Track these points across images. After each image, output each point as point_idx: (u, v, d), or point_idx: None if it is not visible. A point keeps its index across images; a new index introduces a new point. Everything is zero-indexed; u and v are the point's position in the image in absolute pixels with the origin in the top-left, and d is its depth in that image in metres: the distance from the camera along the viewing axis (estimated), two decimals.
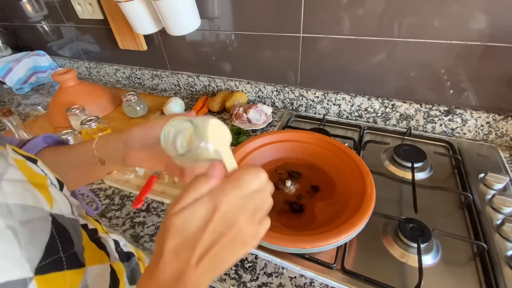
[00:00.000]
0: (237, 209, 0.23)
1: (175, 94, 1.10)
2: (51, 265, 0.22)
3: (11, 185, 0.21)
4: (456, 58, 0.64)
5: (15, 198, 0.21)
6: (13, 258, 0.19)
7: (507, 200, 0.54)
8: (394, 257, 0.49)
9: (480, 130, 0.71)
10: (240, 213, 0.23)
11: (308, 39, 0.76)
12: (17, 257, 0.19)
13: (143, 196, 0.63)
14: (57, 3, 1.10)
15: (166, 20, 0.77)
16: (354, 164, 0.56)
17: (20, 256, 0.20)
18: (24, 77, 1.25)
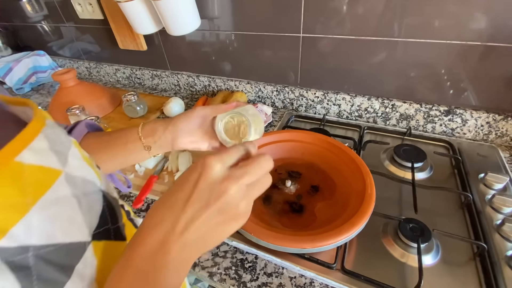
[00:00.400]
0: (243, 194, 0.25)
1: (175, 94, 1.10)
2: (103, 234, 0.24)
3: (75, 160, 0.23)
4: (456, 58, 0.64)
5: (78, 171, 0.23)
6: (76, 223, 0.21)
7: (507, 200, 0.54)
8: (394, 257, 0.49)
9: (480, 130, 0.71)
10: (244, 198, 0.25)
11: (308, 39, 0.76)
12: (79, 222, 0.22)
13: (143, 196, 0.63)
14: (57, 3, 1.10)
15: (166, 20, 0.77)
16: (354, 164, 0.56)
17: (82, 221, 0.22)
18: (24, 77, 1.25)
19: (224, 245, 0.54)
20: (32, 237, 0.18)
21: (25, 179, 0.18)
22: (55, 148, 0.21)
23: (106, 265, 0.24)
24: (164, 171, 0.70)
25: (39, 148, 0.20)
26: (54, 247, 0.19)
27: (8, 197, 0.17)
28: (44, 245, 0.18)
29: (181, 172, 0.68)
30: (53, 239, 0.19)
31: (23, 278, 0.17)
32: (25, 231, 0.17)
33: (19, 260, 0.17)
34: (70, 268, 0.20)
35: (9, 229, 0.17)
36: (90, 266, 0.22)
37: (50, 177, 0.20)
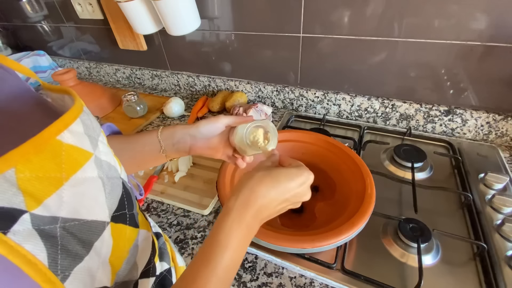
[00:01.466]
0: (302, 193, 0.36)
1: (175, 94, 1.10)
2: (120, 217, 0.26)
3: (102, 145, 0.26)
4: (456, 58, 0.64)
5: (105, 156, 0.25)
6: (99, 203, 0.23)
7: (507, 200, 0.54)
8: (394, 257, 0.49)
9: (480, 130, 0.71)
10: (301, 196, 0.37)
11: (308, 39, 0.76)
12: (102, 202, 0.23)
13: (143, 196, 0.63)
14: (57, 3, 1.10)
15: (166, 20, 0.77)
16: (354, 164, 0.56)
17: (104, 202, 0.24)
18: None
19: None
20: (62, 209, 0.19)
21: (63, 156, 0.20)
22: (89, 132, 0.23)
23: (119, 248, 0.25)
24: (164, 171, 0.70)
25: (76, 131, 0.22)
26: (79, 222, 0.21)
27: (47, 170, 0.19)
28: (71, 218, 0.20)
29: (181, 172, 0.68)
30: (79, 214, 0.21)
31: (50, 246, 0.19)
32: (57, 203, 0.19)
33: (48, 229, 0.19)
34: (90, 244, 0.22)
35: (44, 200, 0.18)
36: (106, 245, 0.23)
37: (83, 157, 0.22)
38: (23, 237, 0.17)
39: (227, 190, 0.54)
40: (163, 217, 0.60)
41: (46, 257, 0.18)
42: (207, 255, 0.29)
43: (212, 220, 0.59)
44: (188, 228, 0.57)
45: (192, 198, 0.62)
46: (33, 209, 0.18)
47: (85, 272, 0.21)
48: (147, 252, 0.31)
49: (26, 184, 0.17)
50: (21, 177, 0.17)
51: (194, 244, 0.54)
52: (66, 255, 0.20)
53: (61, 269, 0.19)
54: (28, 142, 0.18)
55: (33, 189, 0.18)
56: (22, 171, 0.17)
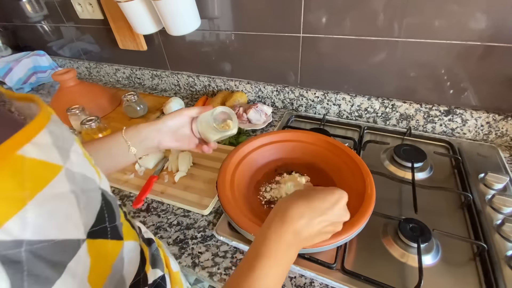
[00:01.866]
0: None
1: (175, 94, 1.10)
2: (99, 232, 0.24)
3: (76, 156, 0.24)
4: (456, 58, 0.64)
5: (78, 167, 0.23)
6: (72, 219, 0.21)
7: (507, 200, 0.54)
8: (394, 257, 0.49)
9: (480, 130, 0.71)
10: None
11: (308, 39, 0.76)
12: (76, 219, 0.22)
13: (143, 196, 0.63)
14: (57, 3, 1.10)
15: (166, 20, 0.77)
16: (354, 164, 0.56)
17: (78, 218, 0.22)
18: (24, 77, 1.24)
19: (224, 245, 0.54)
20: (26, 232, 0.18)
21: (25, 173, 0.18)
22: (58, 143, 0.22)
23: (100, 264, 0.24)
24: (164, 171, 0.70)
25: (42, 143, 0.20)
26: (48, 243, 0.19)
27: (6, 191, 0.17)
28: (38, 240, 0.18)
29: (181, 172, 0.68)
30: (47, 235, 0.19)
31: (14, 273, 0.17)
32: (20, 226, 0.17)
33: (11, 254, 0.17)
34: (62, 265, 0.20)
35: (4, 223, 0.17)
36: (83, 264, 0.22)
37: (50, 172, 0.20)
38: None
39: (227, 190, 0.54)
40: (163, 217, 0.60)
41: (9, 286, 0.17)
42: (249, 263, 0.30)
43: (212, 220, 0.59)
44: (188, 228, 0.58)
45: (192, 198, 0.62)
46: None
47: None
48: (134, 263, 0.30)
49: None
50: None
51: (194, 244, 0.54)
52: (34, 281, 0.18)
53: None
54: None
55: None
56: None
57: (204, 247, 0.54)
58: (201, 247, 0.54)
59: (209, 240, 0.55)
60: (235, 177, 0.58)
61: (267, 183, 0.61)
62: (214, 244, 0.54)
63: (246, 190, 0.59)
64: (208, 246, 0.54)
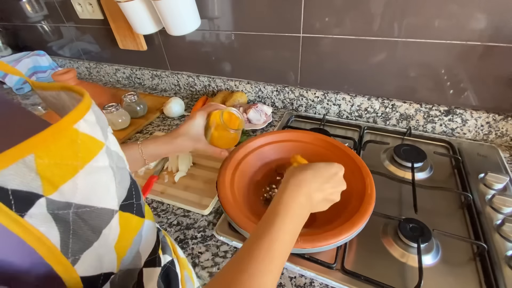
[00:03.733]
0: None
1: (175, 94, 1.10)
2: (128, 206, 0.26)
3: (111, 137, 0.26)
4: (456, 58, 0.64)
5: (114, 147, 0.26)
6: (110, 191, 0.24)
7: (507, 200, 0.54)
8: (394, 257, 0.49)
9: (480, 130, 0.71)
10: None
11: (308, 39, 0.76)
12: (113, 191, 0.24)
13: (143, 196, 0.63)
14: (57, 3, 1.10)
15: (166, 20, 0.77)
16: (354, 164, 0.56)
17: (114, 191, 0.24)
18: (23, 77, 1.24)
19: (224, 245, 0.54)
20: (76, 196, 0.20)
21: (79, 144, 0.20)
22: (100, 123, 0.24)
23: (125, 236, 0.26)
24: (164, 171, 0.70)
25: (90, 121, 0.22)
26: (90, 209, 0.21)
27: (65, 158, 0.19)
28: (83, 205, 0.21)
29: (181, 172, 0.68)
30: (90, 201, 0.21)
31: (63, 230, 0.19)
32: (71, 190, 0.20)
33: (62, 214, 0.19)
34: (99, 230, 0.22)
35: (60, 186, 0.19)
36: (113, 232, 0.24)
37: (96, 147, 0.23)
38: (38, 220, 0.18)
39: (227, 190, 0.54)
40: (163, 217, 0.60)
41: (59, 240, 0.19)
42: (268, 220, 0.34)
43: (212, 220, 0.59)
44: (188, 228, 0.57)
45: (192, 198, 0.62)
46: (49, 194, 0.18)
47: (94, 257, 0.22)
48: (150, 242, 0.32)
49: (45, 170, 0.18)
50: (40, 163, 0.18)
51: (194, 244, 0.54)
52: (77, 240, 0.20)
53: (71, 253, 0.20)
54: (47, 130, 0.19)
55: (51, 175, 0.18)
56: (41, 157, 0.18)
57: (204, 247, 0.54)
58: (201, 247, 0.54)
59: (209, 240, 0.55)
60: (235, 177, 0.58)
61: (267, 183, 0.61)
62: (214, 244, 0.54)
63: (246, 190, 0.59)
64: (208, 246, 0.54)
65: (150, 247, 0.32)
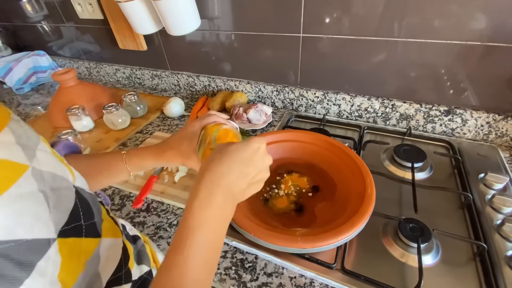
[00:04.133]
0: None
1: (175, 94, 1.10)
2: (72, 231, 0.24)
3: (43, 155, 0.23)
4: (456, 58, 0.64)
5: (47, 166, 0.23)
6: (41, 219, 0.21)
7: (507, 200, 0.54)
8: (394, 257, 0.49)
9: (480, 130, 0.71)
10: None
11: (308, 39, 0.76)
12: (45, 218, 0.21)
13: (143, 196, 0.63)
14: (57, 3, 1.10)
15: (166, 20, 0.77)
16: (354, 164, 0.56)
17: (48, 218, 0.21)
18: (24, 77, 1.24)
19: (224, 245, 0.54)
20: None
21: None
22: (22, 142, 0.21)
23: (71, 263, 0.24)
24: (164, 171, 0.70)
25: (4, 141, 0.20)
26: (15, 243, 0.19)
27: None
28: (5, 240, 0.18)
29: (181, 172, 0.68)
30: (14, 235, 0.19)
31: None
32: None
33: None
34: (30, 265, 0.20)
35: None
36: (53, 263, 0.21)
37: (15, 171, 0.20)
38: None
39: None
40: (163, 217, 0.60)
41: None
42: (179, 241, 0.28)
43: None
44: None
45: None
46: None
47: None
48: (114, 260, 0.30)
49: None
50: None
51: None
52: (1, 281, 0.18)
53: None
54: None
55: None
56: None
57: None
58: None
59: None
60: None
61: (267, 183, 0.61)
62: None
63: None
64: None
65: (113, 265, 0.30)
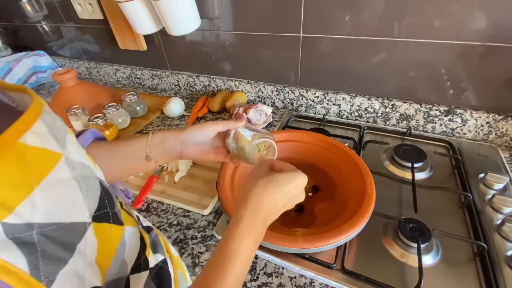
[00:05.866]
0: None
1: (175, 94, 1.10)
2: (103, 216, 0.25)
3: (72, 145, 0.25)
4: (456, 58, 0.64)
5: (76, 156, 0.24)
6: (77, 204, 0.22)
7: (507, 200, 0.54)
8: (394, 257, 0.49)
9: (480, 130, 0.71)
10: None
11: (308, 39, 0.76)
12: (80, 203, 0.23)
13: (143, 196, 0.63)
14: (57, 3, 1.10)
15: (166, 20, 0.77)
16: (354, 164, 0.56)
17: (83, 203, 0.23)
18: (24, 77, 1.24)
19: None
20: (36, 215, 0.19)
21: (29, 159, 0.19)
22: (54, 132, 0.22)
23: (105, 247, 0.25)
24: (164, 171, 0.70)
25: (39, 132, 0.21)
26: (57, 226, 0.20)
27: (13, 176, 0.18)
28: (48, 223, 0.19)
29: (181, 172, 0.68)
30: (56, 218, 0.20)
31: (29, 253, 0.18)
32: (30, 210, 0.18)
33: (24, 236, 0.18)
34: (72, 247, 0.21)
35: (15, 207, 0.18)
36: (90, 246, 0.23)
37: (52, 159, 0.21)
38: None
39: (227, 190, 0.54)
40: (163, 217, 0.60)
41: (26, 264, 0.18)
42: (220, 264, 0.30)
43: (212, 220, 0.59)
44: (188, 228, 0.57)
45: (192, 198, 0.62)
46: (3, 219, 0.17)
47: (72, 275, 0.21)
48: (135, 248, 0.31)
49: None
50: None
51: (194, 244, 0.54)
52: (48, 260, 0.19)
53: (44, 275, 0.19)
54: None
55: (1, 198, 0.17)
56: None
57: (204, 247, 0.54)
58: (201, 247, 0.54)
59: (209, 240, 0.55)
60: (235, 177, 0.58)
61: None
62: (214, 244, 0.54)
63: None
64: (208, 246, 0.54)
65: (135, 253, 0.31)
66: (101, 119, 0.80)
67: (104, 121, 0.80)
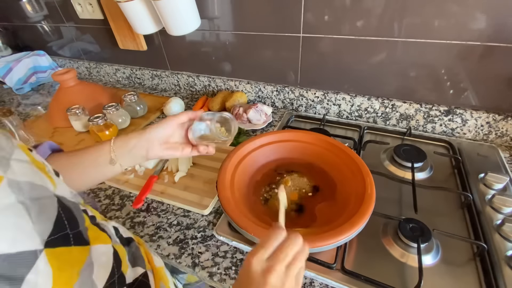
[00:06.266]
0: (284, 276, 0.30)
1: (175, 94, 1.10)
2: (59, 240, 0.23)
3: (19, 164, 0.22)
4: (456, 58, 0.64)
5: (24, 176, 0.22)
6: (24, 231, 0.20)
7: (507, 200, 0.54)
8: (394, 257, 0.49)
9: (480, 130, 0.71)
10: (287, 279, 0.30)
11: (308, 39, 0.76)
12: (29, 230, 0.21)
13: (143, 196, 0.63)
14: (57, 3, 1.10)
15: (166, 20, 0.77)
16: (354, 164, 0.56)
17: (32, 229, 0.21)
18: (24, 77, 1.24)
19: (224, 245, 0.54)
20: None
21: None
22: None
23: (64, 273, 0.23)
24: (164, 171, 0.70)
25: None
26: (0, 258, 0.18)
27: None
28: None
29: (181, 172, 0.68)
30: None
31: None
32: None
33: None
34: (19, 279, 0.19)
35: None
36: (43, 275, 0.21)
37: None
38: None
39: (227, 190, 0.54)
40: (163, 217, 0.60)
41: None
42: None
43: (212, 220, 0.59)
44: (188, 228, 0.57)
45: (192, 198, 0.62)
46: None
47: None
48: (106, 266, 0.30)
49: None
50: None
51: (194, 244, 0.54)
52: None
53: None
54: None
55: None
56: None
57: (204, 247, 0.54)
58: (201, 247, 0.54)
59: (209, 240, 0.55)
60: (235, 177, 0.58)
61: (267, 183, 0.61)
62: (214, 244, 0.54)
63: (246, 190, 0.59)
64: (208, 246, 0.54)
65: (107, 272, 0.29)
66: (101, 119, 0.80)
67: (104, 121, 0.81)
